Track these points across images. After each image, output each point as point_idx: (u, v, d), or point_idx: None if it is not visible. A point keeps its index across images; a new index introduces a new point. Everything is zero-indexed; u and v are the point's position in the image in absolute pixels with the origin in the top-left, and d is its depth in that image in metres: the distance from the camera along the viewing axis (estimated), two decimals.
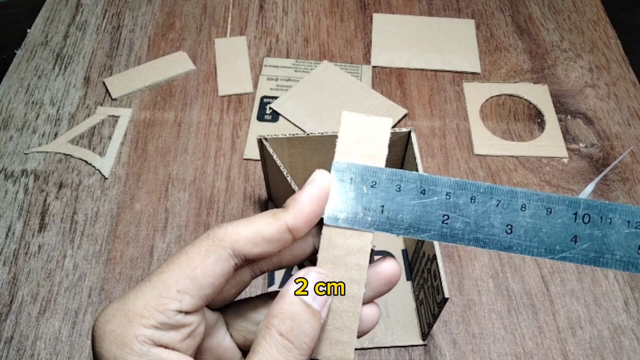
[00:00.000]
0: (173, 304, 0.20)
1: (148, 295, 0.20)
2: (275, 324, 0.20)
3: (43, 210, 0.57)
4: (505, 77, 0.70)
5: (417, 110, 0.67)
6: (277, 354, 0.20)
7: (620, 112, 0.67)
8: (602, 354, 0.49)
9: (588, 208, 0.21)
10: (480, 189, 0.22)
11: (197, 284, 0.20)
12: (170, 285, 0.20)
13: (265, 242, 0.21)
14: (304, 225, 0.22)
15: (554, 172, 0.61)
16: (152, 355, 0.20)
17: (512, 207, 0.22)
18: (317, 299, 0.21)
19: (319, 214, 0.22)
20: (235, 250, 0.21)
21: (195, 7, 0.78)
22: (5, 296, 0.52)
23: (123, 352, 0.19)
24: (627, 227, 0.21)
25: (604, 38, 0.75)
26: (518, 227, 0.21)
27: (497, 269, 0.54)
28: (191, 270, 0.20)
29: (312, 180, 0.22)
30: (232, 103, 0.67)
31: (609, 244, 0.21)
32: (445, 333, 0.50)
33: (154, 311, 0.20)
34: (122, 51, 0.72)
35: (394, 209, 0.22)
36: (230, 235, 0.21)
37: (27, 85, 0.68)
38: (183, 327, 0.21)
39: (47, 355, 0.48)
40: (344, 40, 0.74)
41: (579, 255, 0.21)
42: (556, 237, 0.21)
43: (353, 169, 0.22)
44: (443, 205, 0.22)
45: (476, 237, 0.22)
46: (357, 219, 0.22)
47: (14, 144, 0.63)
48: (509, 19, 0.77)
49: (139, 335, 0.19)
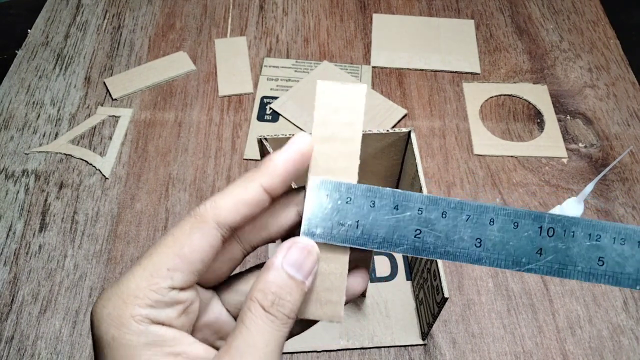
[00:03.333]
0: (165, 282, 0.20)
1: (140, 276, 0.20)
2: (259, 298, 0.21)
3: (44, 210, 0.57)
4: (505, 78, 0.70)
5: (416, 110, 0.67)
6: (262, 324, 0.21)
7: (619, 112, 0.67)
8: (602, 354, 0.49)
9: (552, 222, 0.22)
10: (451, 204, 0.23)
11: (186, 261, 0.21)
12: (160, 264, 0.21)
13: (246, 207, 0.22)
14: (279, 185, 0.22)
15: (553, 172, 0.61)
16: (150, 332, 0.20)
17: (481, 221, 0.23)
18: (301, 269, 0.22)
19: (295, 174, 0.22)
20: (219, 222, 0.21)
21: (196, 7, 0.78)
22: (6, 296, 0.52)
23: (121, 332, 0.20)
24: (588, 240, 0.22)
25: (603, 38, 0.75)
26: (487, 241, 0.22)
27: (496, 269, 0.54)
28: (179, 249, 0.21)
29: (291, 141, 0.23)
30: (232, 103, 0.67)
31: (571, 256, 0.22)
32: (445, 333, 0.50)
33: (148, 291, 0.20)
34: (123, 51, 0.72)
35: (369, 224, 0.23)
36: (211, 209, 0.21)
37: (27, 86, 0.69)
38: (177, 304, 0.21)
39: (48, 354, 0.49)
40: (344, 41, 0.74)
41: (543, 267, 0.22)
42: (522, 249, 0.22)
43: (329, 185, 0.23)
44: (415, 220, 0.23)
45: (447, 250, 0.23)
46: (333, 233, 0.23)
47: (15, 144, 0.63)
48: (508, 20, 0.77)
49: (135, 315, 0.20)
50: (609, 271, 0.22)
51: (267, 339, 0.21)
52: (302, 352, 0.49)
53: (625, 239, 0.22)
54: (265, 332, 0.21)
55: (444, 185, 0.60)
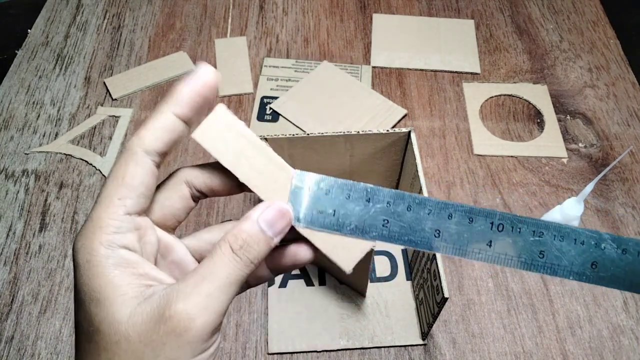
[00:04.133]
0: (120, 210, 0.24)
1: (100, 211, 0.24)
2: (230, 240, 0.25)
3: (44, 210, 0.57)
4: (505, 78, 0.70)
5: (416, 110, 0.67)
6: (227, 260, 0.24)
7: (619, 112, 0.67)
8: (602, 354, 0.49)
9: (502, 219, 0.26)
10: (416, 200, 0.26)
11: (130, 188, 0.24)
12: (112, 196, 0.24)
13: (165, 133, 0.25)
14: (188, 111, 0.25)
15: (553, 172, 0.61)
16: (116, 255, 0.24)
17: (441, 215, 0.26)
18: (272, 227, 0.25)
19: (201, 101, 0.25)
20: (146, 150, 0.24)
21: (196, 7, 0.78)
22: (6, 296, 0.52)
23: (92, 257, 0.23)
24: (532, 236, 0.26)
25: (603, 38, 0.75)
26: (445, 232, 0.26)
27: (496, 269, 0.54)
28: (121, 180, 0.24)
29: (194, 72, 0.25)
30: (232, 103, 0.67)
31: (517, 248, 0.26)
32: (445, 333, 0.50)
33: (108, 220, 0.24)
34: (123, 51, 0.72)
35: (344, 213, 0.26)
36: (135, 141, 0.24)
37: (27, 86, 0.69)
38: (136, 229, 0.25)
39: (48, 354, 0.49)
40: (343, 41, 0.74)
41: (492, 257, 0.26)
42: (475, 241, 0.26)
43: (313, 178, 0.26)
44: (384, 212, 0.26)
45: (410, 238, 0.26)
46: (313, 220, 0.26)
47: (15, 144, 0.63)
48: (508, 20, 0.77)
49: (102, 241, 0.24)
50: (547, 263, 0.26)
51: (228, 272, 0.24)
52: (302, 352, 0.49)
53: (564, 237, 0.25)
54: (228, 267, 0.24)
55: (444, 185, 0.60)
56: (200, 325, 0.23)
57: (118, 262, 0.24)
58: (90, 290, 0.23)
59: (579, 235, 0.25)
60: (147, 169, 0.25)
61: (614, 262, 0.25)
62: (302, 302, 0.52)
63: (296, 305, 0.52)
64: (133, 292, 0.24)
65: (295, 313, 0.51)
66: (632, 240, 0.25)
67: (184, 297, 0.23)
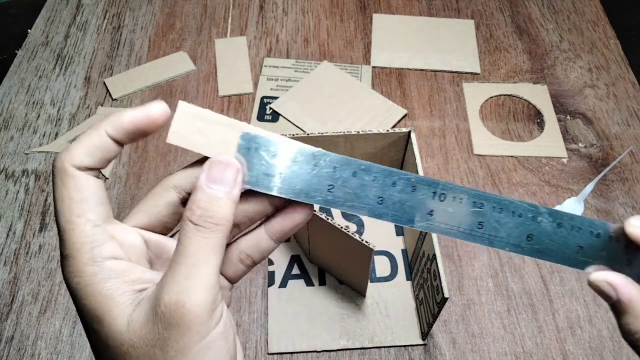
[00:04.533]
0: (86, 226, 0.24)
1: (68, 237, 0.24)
2: (188, 215, 0.24)
3: (44, 210, 0.57)
4: (505, 78, 0.70)
5: (416, 110, 0.67)
6: (191, 235, 0.24)
7: (619, 112, 0.67)
8: (602, 354, 0.49)
9: (444, 189, 0.26)
10: (362, 166, 0.26)
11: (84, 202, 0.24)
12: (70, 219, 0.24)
13: (95, 150, 0.24)
14: (123, 136, 0.25)
15: (553, 172, 0.61)
16: (105, 268, 0.24)
17: (385, 183, 0.26)
18: (223, 182, 0.25)
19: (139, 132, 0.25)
20: (76, 165, 0.24)
21: (196, 7, 0.78)
22: (6, 296, 0.52)
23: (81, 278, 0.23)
24: (472, 207, 0.26)
25: (603, 38, 0.75)
26: (388, 199, 0.26)
27: (496, 269, 0.54)
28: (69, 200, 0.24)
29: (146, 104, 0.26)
30: (232, 103, 0.67)
31: (456, 218, 0.26)
32: (445, 333, 0.50)
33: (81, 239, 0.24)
34: (123, 51, 0.72)
35: (290, 176, 0.26)
36: (66, 156, 0.24)
37: (27, 86, 0.69)
38: (112, 238, 0.25)
39: (48, 354, 0.49)
40: (343, 41, 0.74)
41: (432, 226, 0.26)
42: (417, 210, 0.26)
43: (259, 140, 0.26)
44: (330, 177, 0.26)
45: (353, 205, 0.26)
46: (259, 182, 0.26)
47: (15, 144, 0.63)
48: (508, 20, 0.77)
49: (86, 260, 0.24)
50: (485, 234, 0.26)
51: (196, 246, 0.23)
52: (302, 352, 0.49)
53: (503, 209, 0.26)
54: (194, 241, 0.24)
55: None
56: (191, 307, 0.23)
57: (107, 275, 0.24)
58: (88, 310, 0.23)
59: (517, 207, 0.26)
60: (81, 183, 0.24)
61: (548, 235, 0.26)
62: (302, 302, 0.52)
63: (296, 305, 0.52)
64: (127, 300, 0.24)
65: (295, 313, 0.51)
66: (567, 215, 0.26)
67: (167, 288, 0.23)
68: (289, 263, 0.54)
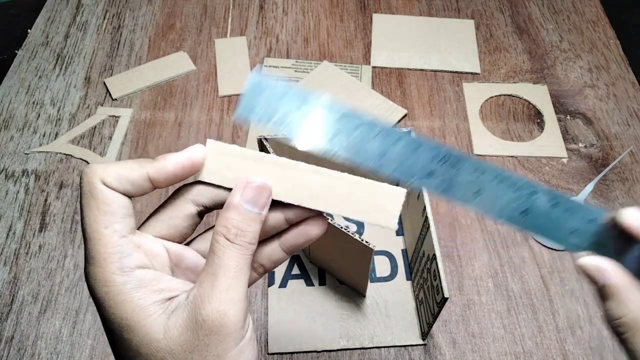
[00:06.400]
0: (114, 236, 0.25)
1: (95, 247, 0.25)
2: (224, 232, 0.25)
3: (44, 210, 0.57)
4: (505, 78, 0.70)
5: (416, 110, 0.67)
6: (230, 252, 0.25)
7: (619, 112, 0.67)
8: (602, 354, 0.49)
9: (447, 153, 0.27)
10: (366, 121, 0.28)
11: (112, 214, 0.25)
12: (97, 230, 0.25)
13: (127, 183, 0.25)
14: (163, 181, 0.26)
15: (553, 172, 0.61)
16: (133, 278, 0.25)
17: (389, 138, 0.27)
18: (257, 204, 0.26)
19: (182, 176, 0.27)
20: (104, 182, 0.25)
21: (196, 7, 0.78)
22: (6, 296, 0.52)
23: (110, 288, 0.24)
24: (472, 173, 0.27)
25: (603, 38, 0.75)
26: (389, 154, 0.27)
27: (496, 269, 0.54)
28: (97, 211, 0.25)
29: (187, 149, 0.27)
30: (232, 103, 0.67)
31: (455, 183, 0.27)
32: (445, 333, 0.50)
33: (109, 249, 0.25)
34: (123, 51, 0.72)
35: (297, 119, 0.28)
36: (100, 171, 0.25)
37: (27, 86, 0.69)
38: (139, 248, 0.26)
39: (48, 354, 0.49)
40: (344, 41, 0.74)
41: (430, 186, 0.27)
42: (417, 169, 0.27)
43: None
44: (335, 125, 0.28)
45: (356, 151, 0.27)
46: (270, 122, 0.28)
47: (15, 144, 0.63)
48: (508, 20, 0.77)
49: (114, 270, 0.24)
50: (481, 202, 0.27)
51: (236, 261, 0.25)
52: (302, 352, 0.49)
53: (502, 181, 0.27)
54: (233, 257, 0.25)
55: None
56: (232, 316, 0.24)
57: (137, 285, 0.25)
58: (118, 319, 0.24)
59: (516, 182, 0.27)
60: (114, 193, 0.25)
61: (543, 214, 0.27)
62: (302, 302, 0.52)
63: (296, 305, 0.52)
64: (159, 309, 0.25)
65: (295, 313, 0.51)
66: (564, 197, 0.27)
67: (208, 299, 0.24)
68: (289, 263, 0.54)
